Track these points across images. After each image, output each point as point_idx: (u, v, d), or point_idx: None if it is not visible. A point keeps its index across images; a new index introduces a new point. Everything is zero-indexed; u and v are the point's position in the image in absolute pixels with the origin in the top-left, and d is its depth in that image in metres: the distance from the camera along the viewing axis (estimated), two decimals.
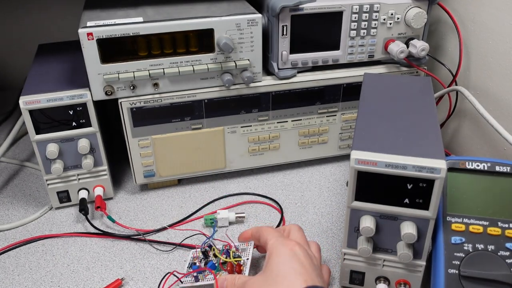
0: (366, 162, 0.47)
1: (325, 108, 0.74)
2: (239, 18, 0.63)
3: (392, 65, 0.75)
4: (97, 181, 0.71)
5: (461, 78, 0.78)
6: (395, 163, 0.47)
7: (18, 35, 1.05)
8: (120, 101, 0.65)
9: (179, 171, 0.73)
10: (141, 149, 0.70)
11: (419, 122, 0.53)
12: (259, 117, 0.72)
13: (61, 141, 0.66)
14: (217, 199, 0.73)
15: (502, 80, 0.70)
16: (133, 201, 0.74)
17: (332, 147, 0.79)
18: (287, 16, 0.66)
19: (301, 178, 0.78)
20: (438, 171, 0.46)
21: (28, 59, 0.84)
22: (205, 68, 0.65)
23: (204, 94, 0.68)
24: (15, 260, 0.63)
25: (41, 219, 0.70)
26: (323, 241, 0.65)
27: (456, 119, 0.82)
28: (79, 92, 0.64)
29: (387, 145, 0.49)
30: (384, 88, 0.61)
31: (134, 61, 0.63)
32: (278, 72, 0.70)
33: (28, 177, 0.80)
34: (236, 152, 0.75)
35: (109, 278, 0.59)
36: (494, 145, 0.73)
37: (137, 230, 0.67)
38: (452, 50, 0.79)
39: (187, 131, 0.70)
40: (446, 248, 0.50)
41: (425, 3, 0.70)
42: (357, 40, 0.71)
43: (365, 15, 0.69)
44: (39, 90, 0.64)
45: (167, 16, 0.63)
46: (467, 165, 0.54)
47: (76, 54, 0.74)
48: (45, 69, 0.71)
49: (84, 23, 0.61)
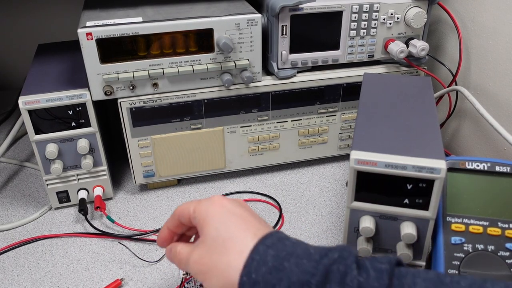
0: (366, 162, 0.47)
1: (325, 108, 0.74)
2: (239, 18, 0.63)
3: (392, 65, 0.75)
4: (97, 181, 0.71)
5: (461, 78, 0.78)
6: (395, 163, 0.47)
7: (18, 35, 1.05)
8: (120, 101, 0.65)
9: (179, 171, 0.73)
10: (141, 149, 0.70)
11: (419, 122, 0.53)
12: (258, 117, 0.72)
13: (60, 141, 0.66)
14: None
15: (502, 80, 0.70)
16: (132, 201, 0.74)
17: (332, 147, 0.79)
18: (286, 16, 0.66)
19: (301, 178, 0.78)
20: (438, 171, 0.46)
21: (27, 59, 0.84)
22: (204, 68, 0.65)
23: (203, 94, 0.68)
24: (15, 260, 0.63)
25: (40, 219, 0.70)
26: (323, 241, 0.65)
27: (456, 119, 0.82)
28: (79, 92, 0.64)
29: (386, 145, 0.49)
30: (384, 88, 0.61)
31: (133, 61, 0.63)
32: (278, 72, 0.70)
33: (28, 177, 0.80)
34: (236, 152, 0.74)
35: (109, 279, 0.59)
36: (494, 145, 0.73)
37: (136, 230, 0.67)
38: (452, 50, 0.79)
39: (186, 131, 0.70)
40: (446, 249, 0.50)
41: (425, 3, 0.70)
42: (357, 40, 0.71)
43: (365, 15, 0.69)
44: (38, 90, 0.64)
45: (166, 16, 0.63)
46: (467, 165, 0.54)
47: (75, 54, 0.74)
48: (45, 69, 0.71)
49: (83, 23, 0.61)
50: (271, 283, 0.38)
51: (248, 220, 0.43)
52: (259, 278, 0.38)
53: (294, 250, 0.40)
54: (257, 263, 0.39)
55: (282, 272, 0.38)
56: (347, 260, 0.38)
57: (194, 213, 0.45)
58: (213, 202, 0.45)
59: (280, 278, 0.38)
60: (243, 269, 0.39)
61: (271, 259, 0.39)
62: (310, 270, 0.37)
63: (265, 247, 0.40)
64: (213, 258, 0.41)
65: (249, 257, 0.40)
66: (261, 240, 0.41)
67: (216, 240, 0.42)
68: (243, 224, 0.43)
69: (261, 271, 0.39)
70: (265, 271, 0.39)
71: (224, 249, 0.41)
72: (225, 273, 0.40)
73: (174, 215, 0.48)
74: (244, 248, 0.40)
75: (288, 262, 0.39)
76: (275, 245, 0.40)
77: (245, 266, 0.39)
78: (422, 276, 0.37)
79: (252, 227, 0.42)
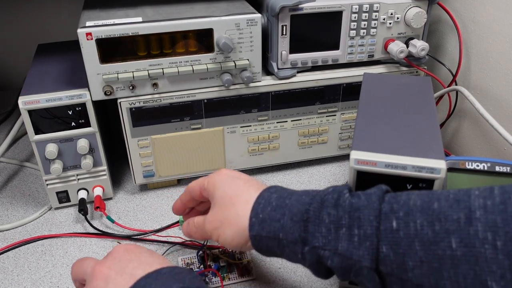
0: (365, 162, 0.47)
1: (325, 108, 0.74)
2: (239, 18, 0.63)
3: (392, 65, 0.75)
4: (97, 181, 0.71)
5: (461, 78, 0.78)
6: (394, 163, 0.46)
7: (17, 35, 1.05)
8: (120, 101, 0.65)
9: (179, 171, 0.73)
10: (141, 149, 0.70)
11: (419, 122, 0.53)
12: (258, 117, 0.72)
13: (60, 141, 0.66)
14: None
15: (502, 80, 0.70)
16: (132, 201, 0.74)
17: (331, 147, 0.79)
18: (286, 16, 0.66)
19: (300, 178, 0.78)
20: (437, 171, 0.46)
21: (27, 59, 0.84)
22: (204, 68, 0.65)
23: (203, 94, 0.68)
24: (14, 261, 0.63)
25: (40, 219, 0.70)
26: None
27: (456, 119, 0.82)
28: (78, 92, 0.64)
29: (386, 145, 0.49)
30: (384, 88, 0.61)
31: (133, 61, 0.63)
32: (278, 72, 0.70)
33: (28, 177, 0.80)
34: (236, 152, 0.74)
35: None
36: (494, 145, 0.73)
37: (136, 230, 0.67)
38: (452, 50, 0.79)
39: (186, 131, 0.70)
40: None
41: (425, 3, 0.70)
42: (356, 40, 0.71)
43: (365, 15, 0.69)
44: (38, 90, 0.64)
45: (166, 16, 0.63)
46: (467, 165, 0.54)
47: (75, 54, 0.74)
48: (45, 69, 0.71)
49: (83, 23, 0.61)
50: (276, 218, 0.44)
51: (252, 182, 0.50)
52: (265, 216, 0.45)
53: (295, 191, 0.46)
54: (263, 205, 0.45)
55: (284, 208, 0.44)
56: (340, 189, 0.44)
57: (206, 184, 0.52)
58: (220, 173, 0.52)
59: (283, 213, 0.44)
60: (251, 212, 0.46)
61: (275, 200, 0.45)
62: (308, 201, 0.43)
63: (269, 193, 0.47)
64: (224, 213, 0.47)
65: (255, 202, 0.46)
66: (266, 189, 0.48)
67: (225, 199, 0.48)
68: (246, 183, 0.49)
69: (266, 210, 0.45)
70: (270, 209, 0.45)
71: (231, 204, 0.47)
72: (236, 221, 0.46)
73: (186, 190, 0.56)
74: (249, 198, 0.47)
75: (289, 199, 0.45)
76: (278, 191, 0.47)
77: (253, 209, 0.46)
78: (415, 193, 0.41)
79: (255, 184, 0.49)
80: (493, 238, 0.34)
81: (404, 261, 0.37)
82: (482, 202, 0.36)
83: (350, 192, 0.43)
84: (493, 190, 0.37)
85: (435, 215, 0.37)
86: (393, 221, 0.38)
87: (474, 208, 0.35)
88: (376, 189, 0.43)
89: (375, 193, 0.42)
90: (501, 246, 0.33)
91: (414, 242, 0.37)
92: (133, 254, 0.44)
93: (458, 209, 0.36)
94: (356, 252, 0.39)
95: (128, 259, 0.44)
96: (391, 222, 0.38)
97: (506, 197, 0.35)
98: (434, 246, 0.36)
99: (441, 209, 0.37)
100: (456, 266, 0.35)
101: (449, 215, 0.36)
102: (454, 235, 0.35)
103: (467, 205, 0.36)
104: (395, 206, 0.39)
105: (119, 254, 0.44)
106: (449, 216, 0.36)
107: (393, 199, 0.40)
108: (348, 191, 0.43)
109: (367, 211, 0.40)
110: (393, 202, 0.40)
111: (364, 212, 0.40)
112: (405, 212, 0.38)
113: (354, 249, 0.39)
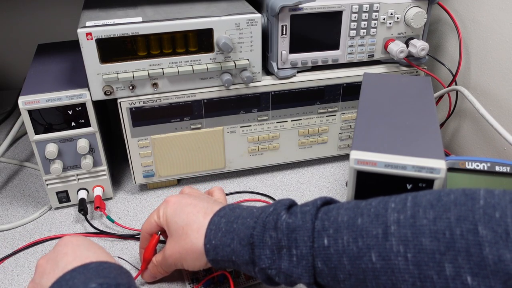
0: (365, 162, 0.47)
1: (325, 108, 0.74)
2: (239, 18, 0.63)
3: (392, 65, 0.75)
4: (97, 181, 0.71)
5: (461, 78, 0.78)
6: (394, 163, 0.46)
7: (17, 35, 1.05)
8: (119, 101, 0.65)
9: (179, 171, 0.73)
10: (141, 149, 0.70)
11: (419, 122, 0.53)
12: (258, 117, 0.72)
13: (60, 141, 0.66)
14: None
15: (502, 80, 0.70)
16: (132, 201, 0.74)
17: (331, 147, 0.79)
18: (286, 16, 0.66)
19: (300, 178, 0.78)
20: (437, 171, 0.46)
21: (27, 59, 0.84)
22: (204, 68, 0.65)
23: (203, 94, 0.68)
24: (14, 261, 0.63)
25: (40, 219, 0.70)
26: None
27: (456, 119, 0.82)
28: (78, 92, 0.64)
29: (386, 145, 0.49)
30: (384, 88, 0.61)
31: (133, 61, 0.63)
32: (278, 72, 0.70)
33: (28, 177, 0.80)
34: (236, 152, 0.74)
35: None
36: (494, 145, 0.73)
37: (136, 230, 0.67)
38: (452, 50, 0.79)
39: (186, 131, 0.70)
40: None
41: (425, 3, 0.70)
42: (356, 40, 0.71)
43: (365, 15, 0.69)
44: (38, 90, 0.64)
45: (166, 16, 0.63)
46: (467, 165, 0.54)
47: (75, 54, 0.74)
48: (45, 69, 0.71)
49: (83, 23, 0.61)
50: (227, 243, 0.47)
51: (200, 205, 0.52)
52: (217, 242, 0.48)
53: (241, 213, 0.49)
54: (214, 231, 0.49)
55: (233, 233, 0.47)
56: (279, 209, 0.46)
57: (158, 219, 0.54)
58: (167, 204, 0.54)
59: (233, 238, 0.47)
60: (204, 239, 0.49)
61: (224, 225, 0.48)
62: (252, 225, 0.47)
63: (218, 217, 0.50)
64: (181, 244, 0.50)
65: (207, 228, 0.49)
66: (215, 214, 0.50)
67: (178, 230, 0.51)
68: (193, 209, 0.52)
69: (218, 236, 0.48)
70: (221, 235, 0.48)
71: (184, 234, 0.50)
72: (193, 249, 0.49)
73: (142, 235, 0.57)
74: (200, 226, 0.50)
75: (236, 223, 0.48)
76: (227, 214, 0.50)
77: (206, 235, 0.49)
78: (344, 206, 0.44)
79: (200, 209, 0.51)
80: (405, 250, 0.38)
81: (336, 274, 0.42)
82: (396, 216, 0.40)
83: (288, 210, 0.47)
84: (406, 202, 0.40)
85: (358, 231, 0.41)
86: (325, 238, 0.43)
87: (390, 223, 0.39)
88: (311, 205, 0.46)
89: (309, 211, 0.45)
90: (411, 258, 0.38)
91: (342, 257, 0.41)
92: (71, 247, 0.46)
93: (377, 224, 0.40)
94: (296, 270, 0.44)
95: (64, 252, 0.46)
96: (323, 239, 0.43)
97: (416, 210, 0.39)
98: (359, 260, 0.40)
99: (363, 225, 0.41)
100: (377, 277, 0.39)
101: (370, 231, 0.40)
102: (373, 250, 0.40)
103: (384, 220, 0.40)
104: (326, 224, 0.43)
105: (59, 247, 0.47)
106: (369, 232, 0.40)
107: (325, 216, 0.44)
108: (285, 212, 0.46)
109: (302, 232, 0.44)
110: (325, 219, 0.44)
111: (299, 233, 0.44)
112: (334, 229, 0.42)
113: (294, 268, 0.44)
